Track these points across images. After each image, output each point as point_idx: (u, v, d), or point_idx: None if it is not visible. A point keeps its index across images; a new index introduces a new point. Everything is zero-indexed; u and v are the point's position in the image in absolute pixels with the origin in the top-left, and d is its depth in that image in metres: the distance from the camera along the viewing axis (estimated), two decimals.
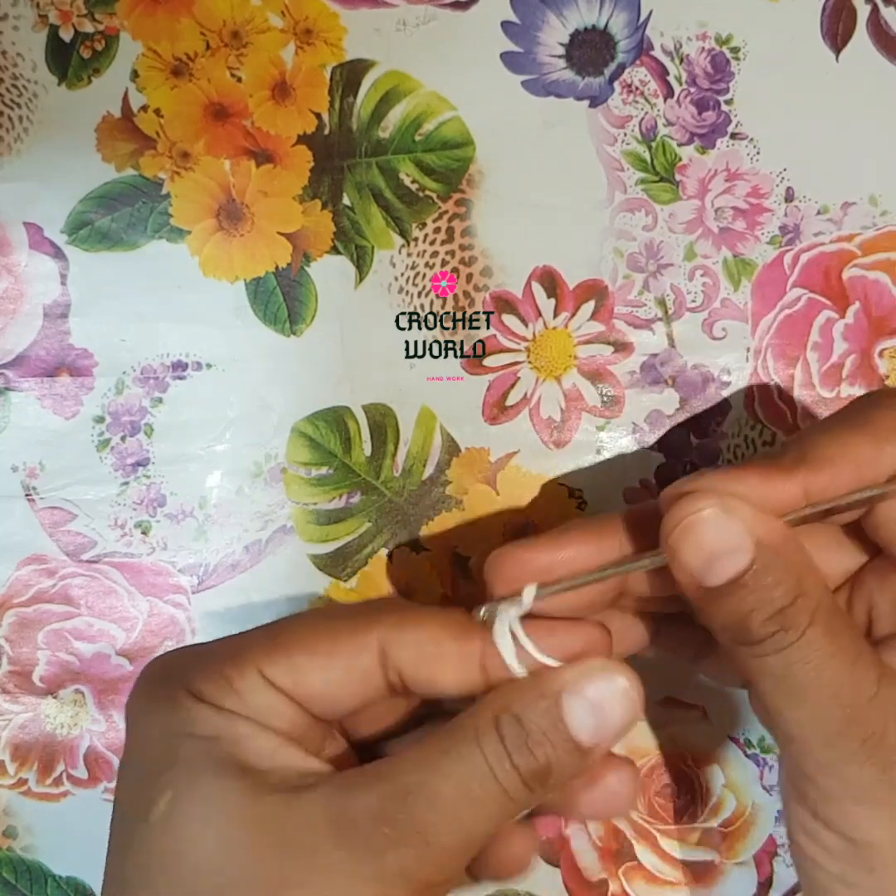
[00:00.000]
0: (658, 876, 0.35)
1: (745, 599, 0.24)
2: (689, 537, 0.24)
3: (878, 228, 0.34)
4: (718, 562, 0.24)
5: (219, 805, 0.24)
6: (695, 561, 0.25)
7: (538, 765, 0.25)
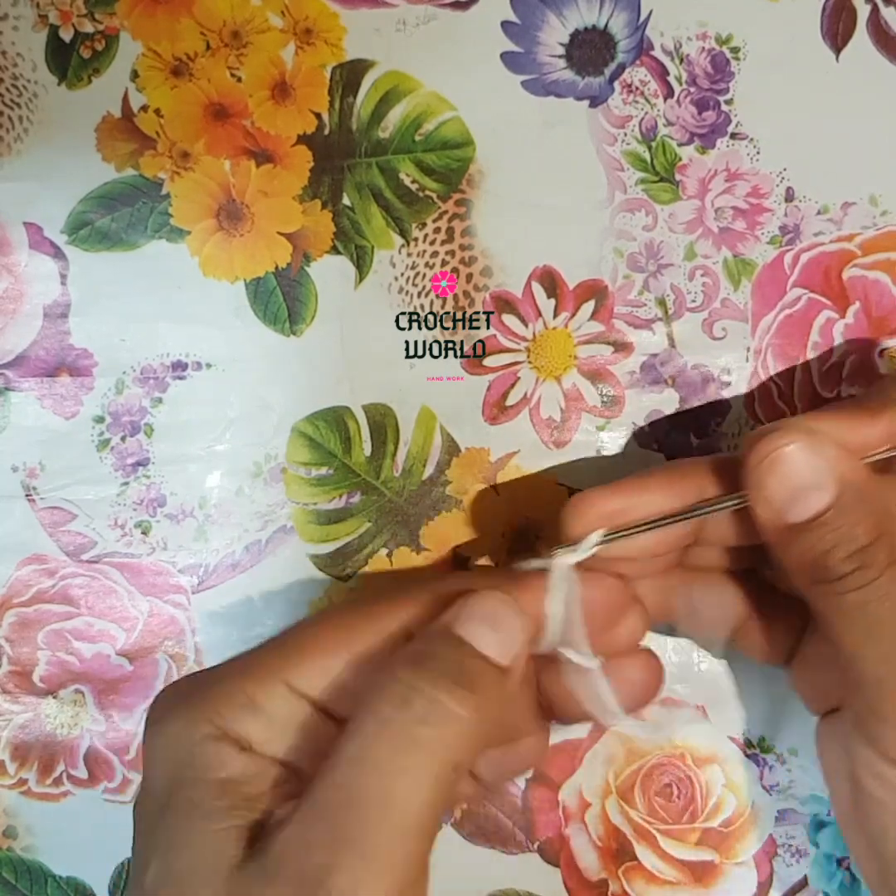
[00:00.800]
0: (658, 876, 0.35)
1: (826, 537, 0.25)
2: (775, 471, 0.25)
3: (878, 228, 0.34)
4: (803, 497, 0.25)
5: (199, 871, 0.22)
6: (779, 495, 0.25)
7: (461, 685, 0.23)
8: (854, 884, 0.35)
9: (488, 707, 0.23)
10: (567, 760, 0.35)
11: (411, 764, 0.22)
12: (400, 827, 0.21)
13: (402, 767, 0.22)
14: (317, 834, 0.21)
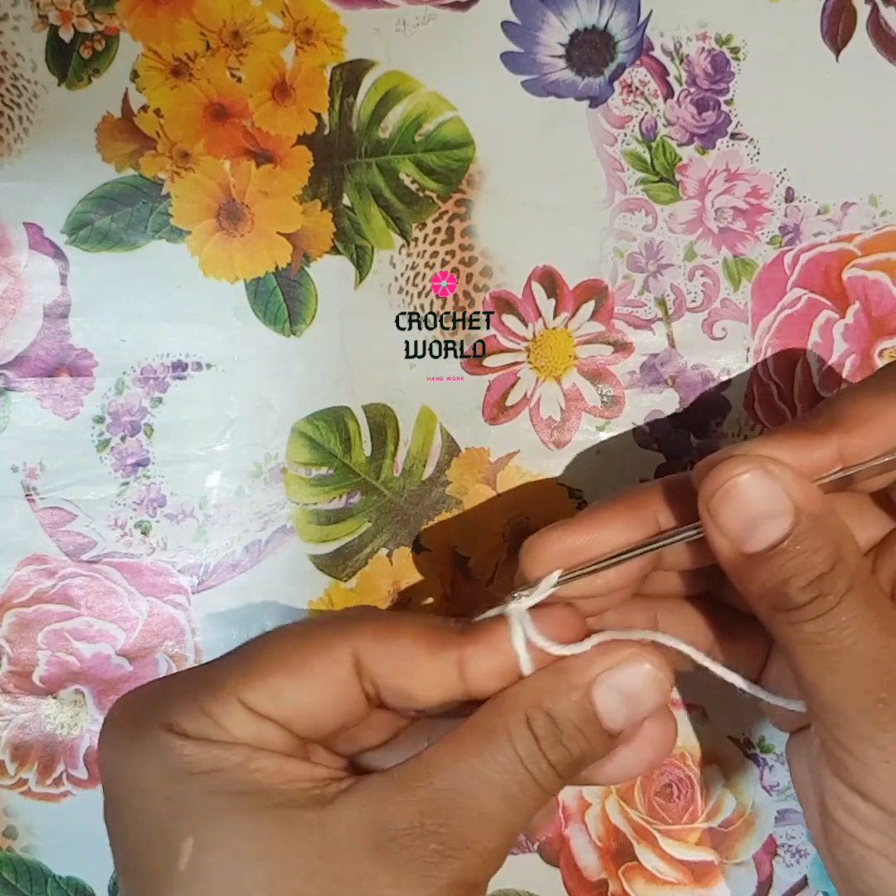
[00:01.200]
0: (658, 876, 0.35)
1: (784, 565, 0.24)
2: (729, 502, 0.24)
3: (878, 228, 0.34)
4: (760, 526, 0.24)
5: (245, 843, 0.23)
6: (735, 525, 0.24)
7: (573, 759, 0.25)
8: None
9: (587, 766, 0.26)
10: None
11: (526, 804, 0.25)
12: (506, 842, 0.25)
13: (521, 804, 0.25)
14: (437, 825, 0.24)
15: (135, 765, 0.25)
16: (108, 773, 0.25)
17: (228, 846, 0.23)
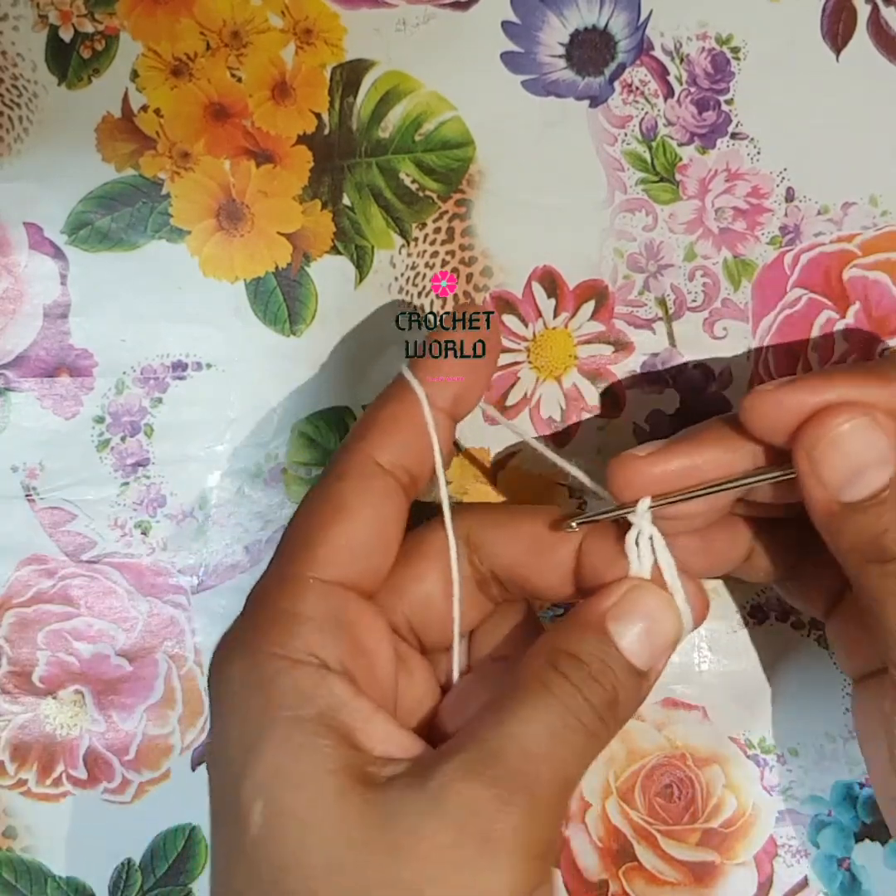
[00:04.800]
0: (658, 876, 0.35)
1: (882, 516, 0.24)
2: (836, 450, 0.24)
3: (878, 228, 0.34)
4: (862, 475, 0.24)
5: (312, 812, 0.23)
6: (838, 474, 0.24)
7: (606, 693, 0.25)
8: (854, 884, 0.35)
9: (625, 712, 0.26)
10: None
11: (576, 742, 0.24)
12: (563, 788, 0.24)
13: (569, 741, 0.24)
14: (489, 770, 0.23)
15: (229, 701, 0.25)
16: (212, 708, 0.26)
17: (294, 814, 0.23)
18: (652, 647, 0.26)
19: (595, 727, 0.25)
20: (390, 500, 0.27)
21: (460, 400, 0.28)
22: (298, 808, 0.23)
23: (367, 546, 0.26)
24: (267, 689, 0.24)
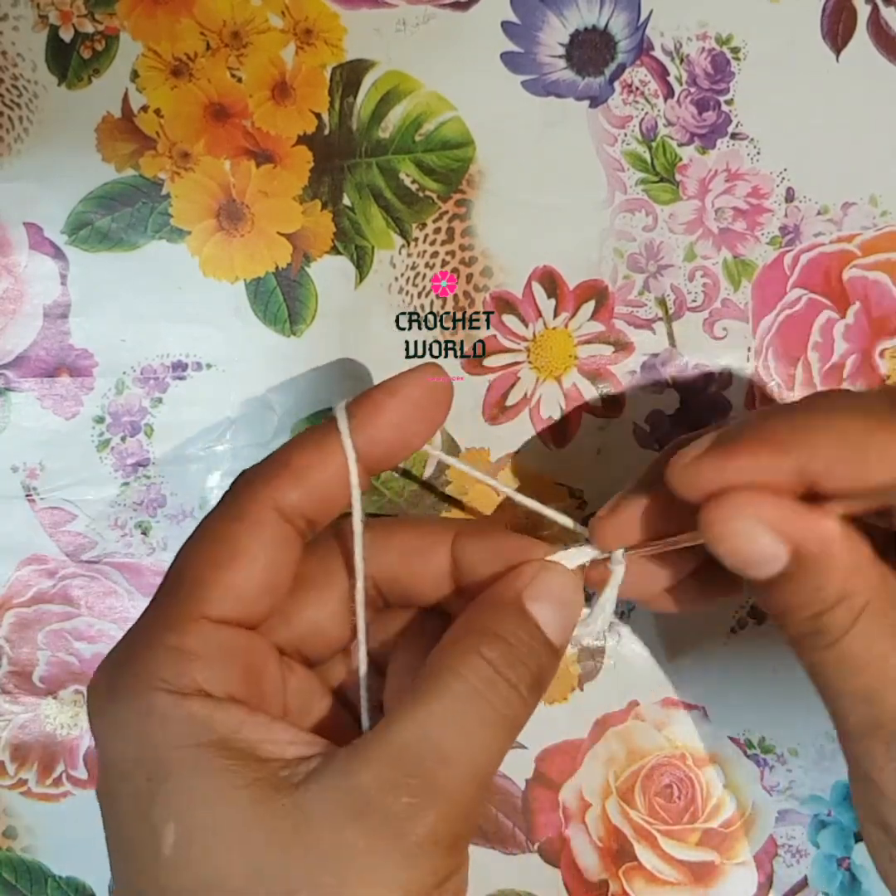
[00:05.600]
0: (658, 876, 0.35)
1: (784, 598, 0.24)
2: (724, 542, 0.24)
3: (878, 229, 0.34)
4: (754, 566, 0.24)
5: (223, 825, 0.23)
6: (732, 562, 0.25)
7: (532, 674, 0.25)
8: (854, 884, 0.35)
9: (545, 689, 0.26)
10: (567, 761, 0.35)
11: (492, 738, 0.24)
12: (480, 785, 0.24)
13: (486, 738, 0.24)
14: (405, 777, 0.23)
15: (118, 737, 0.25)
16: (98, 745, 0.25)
17: (208, 829, 0.23)
18: (564, 623, 0.26)
19: (516, 713, 0.25)
20: (285, 547, 0.27)
21: (388, 454, 0.28)
22: (213, 823, 0.23)
23: (257, 590, 0.26)
24: (163, 723, 0.24)
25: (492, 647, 0.25)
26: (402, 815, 0.23)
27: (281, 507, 0.26)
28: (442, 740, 0.23)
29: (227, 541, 0.26)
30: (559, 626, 0.26)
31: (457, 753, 0.24)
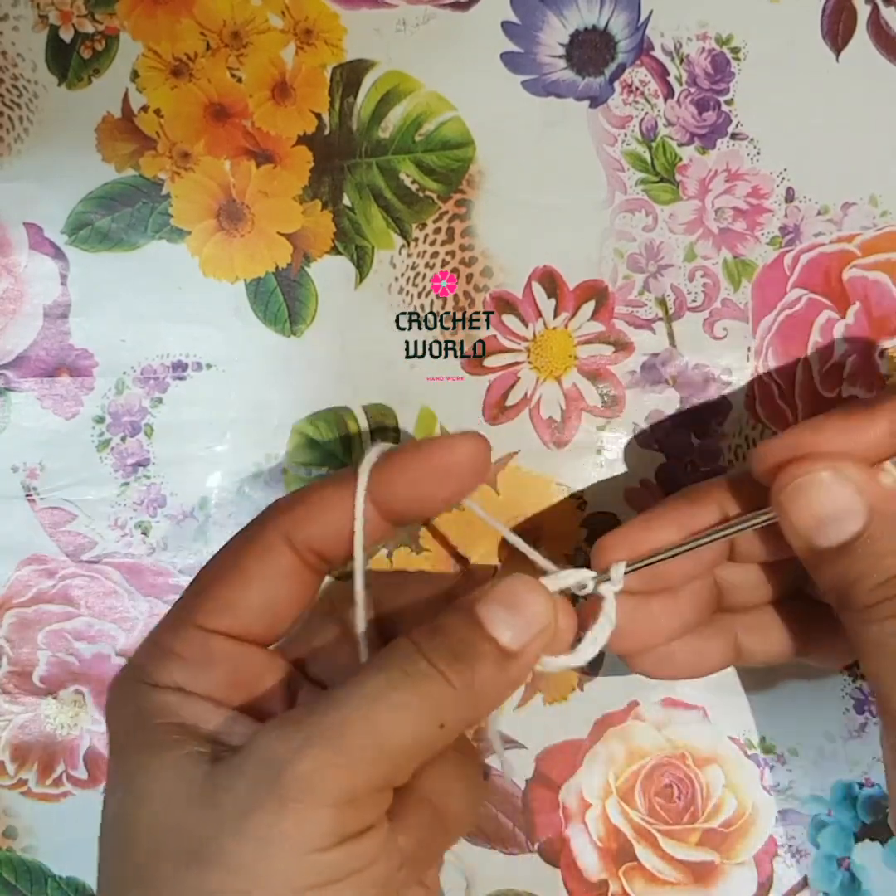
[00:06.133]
0: (658, 876, 0.35)
1: (853, 565, 0.24)
2: (801, 497, 0.24)
3: (878, 229, 0.34)
4: (830, 524, 0.24)
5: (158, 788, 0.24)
6: (806, 522, 0.25)
7: (459, 664, 0.24)
8: (854, 884, 0.35)
9: (484, 685, 0.25)
10: (567, 761, 0.35)
11: (400, 704, 0.24)
12: (375, 741, 0.23)
13: (391, 704, 0.24)
14: (289, 733, 0.23)
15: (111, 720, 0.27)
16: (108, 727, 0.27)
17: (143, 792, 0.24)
18: (519, 628, 0.25)
19: (438, 692, 0.24)
20: (289, 575, 0.27)
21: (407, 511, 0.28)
22: (145, 787, 0.24)
23: (253, 608, 0.27)
24: (136, 708, 0.26)
25: (421, 632, 0.25)
26: (280, 760, 0.23)
27: (290, 537, 0.27)
28: (343, 700, 0.24)
29: (233, 558, 0.28)
30: (511, 628, 0.25)
31: (356, 712, 0.23)
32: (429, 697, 0.24)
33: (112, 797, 0.26)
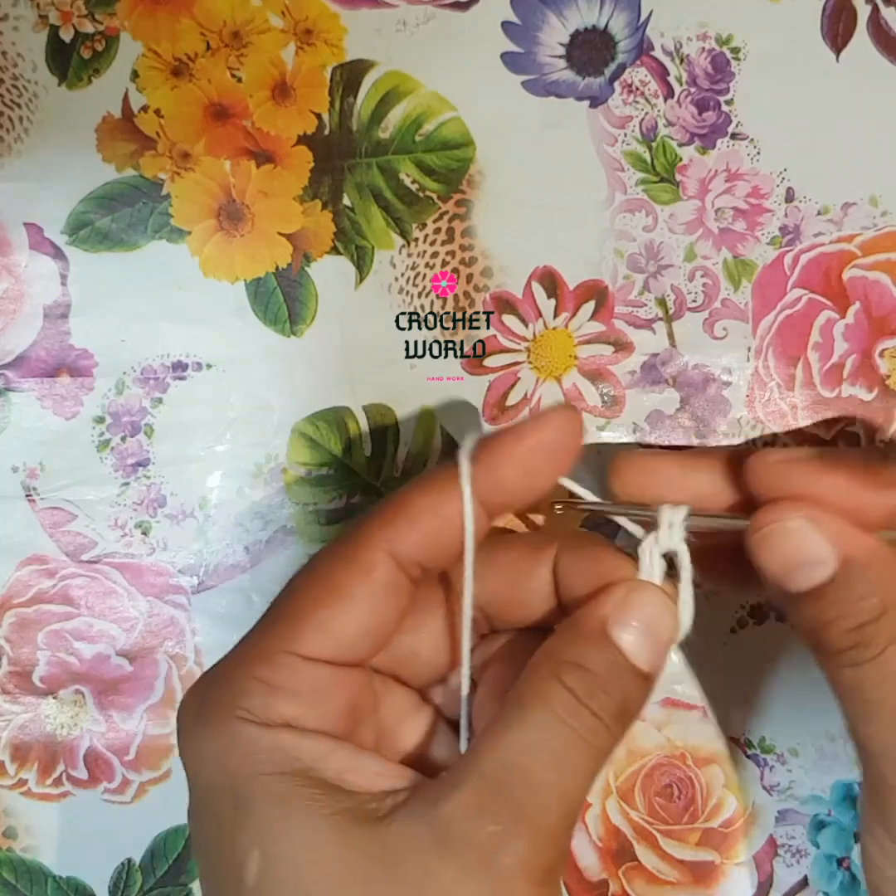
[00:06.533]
0: (658, 876, 0.35)
1: (826, 609, 0.24)
2: (770, 543, 0.25)
3: (878, 229, 0.34)
4: (801, 570, 0.24)
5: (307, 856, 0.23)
6: (776, 567, 0.25)
7: (615, 703, 0.24)
8: (854, 884, 0.35)
9: (633, 718, 0.25)
10: None
11: (582, 766, 0.24)
12: (567, 813, 0.23)
13: (574, 766, 0.24)
14: (491, 805, 0.23)
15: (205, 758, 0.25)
16: (186, 767, 0.25)
17: (291, 859, 0.23)
18: (654, 648, 0.25)
19: (602, 742, 0.24)
20: (394, 593, 0.26)
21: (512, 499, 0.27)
22: (295, 853, 0.23)
23: (358, 634, 0.26)
24: (246, 751, 0.24)
25: (572, 675, 0.24)
26: (489, 843, 0.22)
27: (395, 553, 0.26)
28: (527, 768, 0.23)
29: (333, 581, 0.26)
30: (647, 651, 0.25)
31: (541, 781, 0.23)
32: (598, 751, 0.24)
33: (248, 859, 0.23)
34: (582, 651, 0.25)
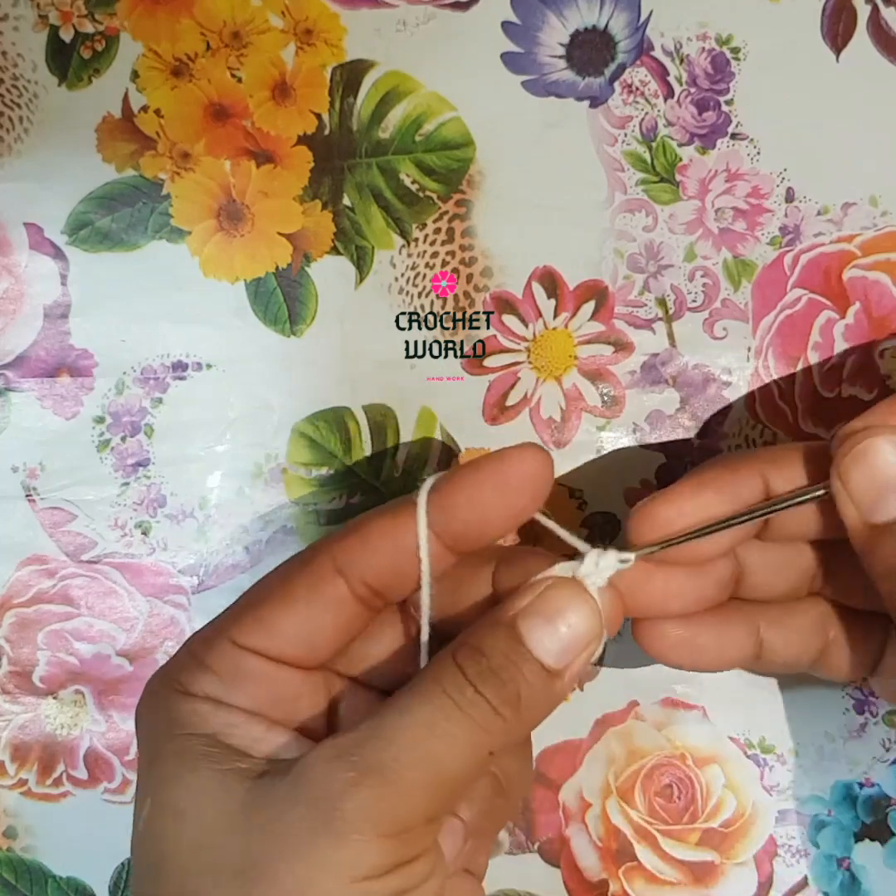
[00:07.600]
0: (658, 876, 0.35)
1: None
2: (862, 464, 0.23)
3: (878, 229, 0.34)
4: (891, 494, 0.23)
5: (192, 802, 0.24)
6: (866, 491, 0.23)
7: (505, 689, 0.24)
8: (854, 884, 0.35)
9: (530, 709, 0.25)
10: (567, 761, 0.35)
11: (454, 734, 0.24)
12: (429, 773, 0.23)
13: (446, 733, 0.24)
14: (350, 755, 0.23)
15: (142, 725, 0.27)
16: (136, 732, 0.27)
17: (175, 807, 0.24)
18: (564, 645, 0.25)
19: (487, 722, 0.24)
20: (334, 604, 0.27)
21: (471, 534, 0.27)
22: (180, 801, 0.24)
23: (290, 635, 0.27)
24: (171, 715, 0.26)
25: (464, 654, 0.24)
26: (339, 789, 0.23)
27: (340, 566, 0.27)
28: (396, 727, 0.24)
29: (280, 580, 0.27)
30: (555, 646, 0.25)
31: (406, 739, 0.23)
32: (479, 728, 0.24)
33: (143, 807, 0.25)
34: (481, 636, 0.25)
